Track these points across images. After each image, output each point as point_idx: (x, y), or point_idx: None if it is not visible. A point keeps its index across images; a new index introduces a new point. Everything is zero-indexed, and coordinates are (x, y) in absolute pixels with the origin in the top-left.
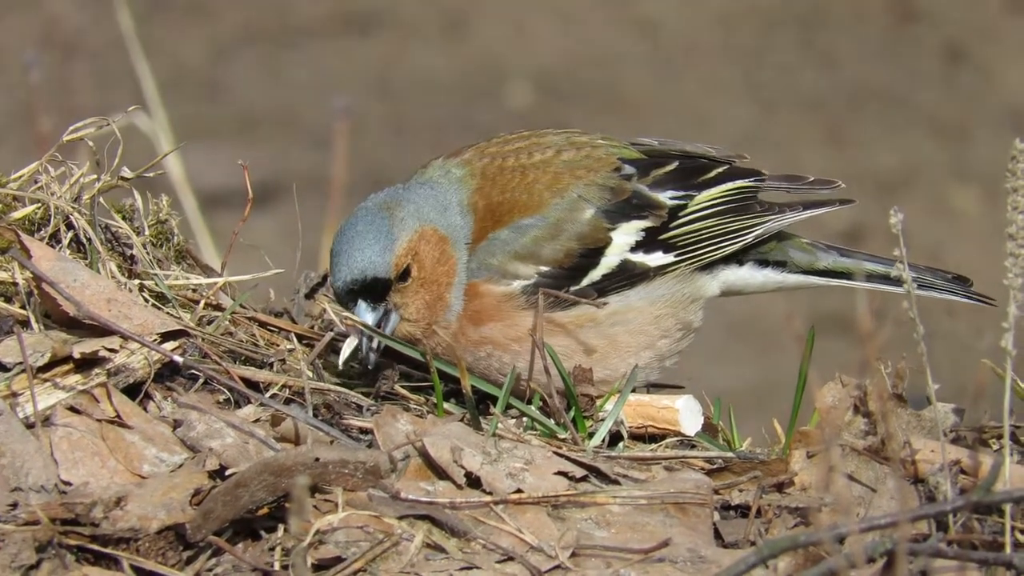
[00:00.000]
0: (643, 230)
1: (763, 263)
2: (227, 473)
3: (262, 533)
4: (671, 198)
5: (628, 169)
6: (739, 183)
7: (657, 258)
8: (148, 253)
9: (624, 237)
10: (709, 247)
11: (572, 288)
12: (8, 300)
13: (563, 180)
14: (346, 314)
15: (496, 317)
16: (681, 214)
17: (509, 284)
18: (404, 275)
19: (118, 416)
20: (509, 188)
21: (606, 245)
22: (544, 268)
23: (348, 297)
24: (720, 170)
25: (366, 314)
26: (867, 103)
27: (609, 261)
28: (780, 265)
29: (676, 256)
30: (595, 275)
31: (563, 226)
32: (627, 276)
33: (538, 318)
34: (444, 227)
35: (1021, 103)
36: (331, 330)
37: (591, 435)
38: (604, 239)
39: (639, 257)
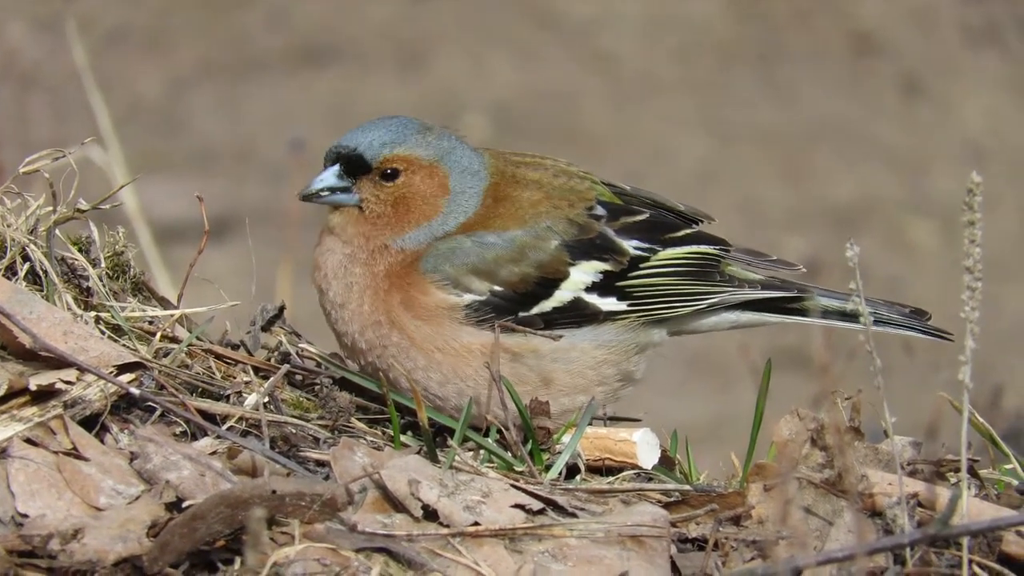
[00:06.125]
0: (602, 272)
1: None
2: (184, 505)
3: (219, 565)
4: (635, 248)
5: (599, 210)
6: (704, 248)
7: (610, 303)
8: (104, 285)
9: (582, 275)
10: (662, 304)
11: (520, 314)
12: None
13: (543, 205)
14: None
15: (427, 319)
16: (642, 265)
17: (460, 296)
18: (391, 175)
19: (75, 448)
20: (509, 197)
21: (563, 279)
22: (497, 288)
23: (328, 159)
24: (688, 231)
25: (330, 176)
26: (824, 136)
27: (562, 295)
28: (733, 304)
29: (629, 305)
30: (546, 306)
31: (527, 252)
32: (577, 314)
33: (495, 349)
34: (453, 186)
35: (978, 136)
36: (287, 362)
37: (548, 468)
38: (563, 272)
39: (593, 298)
